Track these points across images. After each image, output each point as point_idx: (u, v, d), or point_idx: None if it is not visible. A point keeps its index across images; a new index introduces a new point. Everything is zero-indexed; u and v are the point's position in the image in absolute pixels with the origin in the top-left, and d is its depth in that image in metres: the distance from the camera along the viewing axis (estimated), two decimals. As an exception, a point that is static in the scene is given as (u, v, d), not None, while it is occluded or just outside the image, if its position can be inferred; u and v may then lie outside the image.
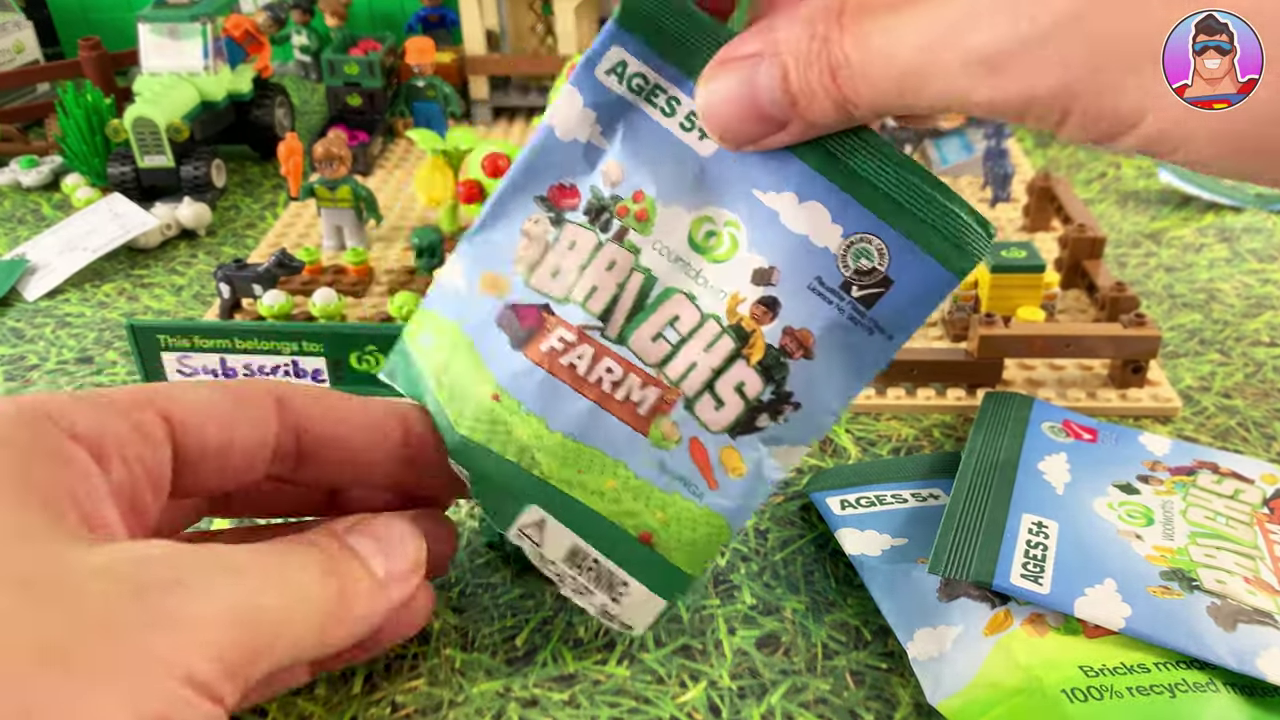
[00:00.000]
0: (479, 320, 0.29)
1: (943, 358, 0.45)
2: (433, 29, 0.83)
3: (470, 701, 0.32)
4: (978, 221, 0.25)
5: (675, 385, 0.28)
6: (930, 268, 0.26)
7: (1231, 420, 0.45)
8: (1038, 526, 0.34)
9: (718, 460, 0.28)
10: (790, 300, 0.27)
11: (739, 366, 0.28)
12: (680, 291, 0.28)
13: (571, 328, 0.28)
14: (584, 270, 0.28)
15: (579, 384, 0.28)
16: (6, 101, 0.78)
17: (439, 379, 0.29)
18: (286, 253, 0.52)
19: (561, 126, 0.28)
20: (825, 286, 0.27)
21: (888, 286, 0.26)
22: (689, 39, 0.26)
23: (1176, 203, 0.64)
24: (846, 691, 0.32)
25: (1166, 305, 0.53)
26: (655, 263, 0.28)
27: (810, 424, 0.28)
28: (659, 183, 0.28)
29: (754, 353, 0.27)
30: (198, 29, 0.67)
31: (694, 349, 0.28)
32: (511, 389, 0.28)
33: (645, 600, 0.29)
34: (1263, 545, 0.34)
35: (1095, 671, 0.28)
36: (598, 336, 0.28)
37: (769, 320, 0.27)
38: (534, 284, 0.29)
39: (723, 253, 0.27)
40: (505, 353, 0.28)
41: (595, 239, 0.28)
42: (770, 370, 0.28)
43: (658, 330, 0.28)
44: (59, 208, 0.67)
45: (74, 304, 0.56)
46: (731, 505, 0.29)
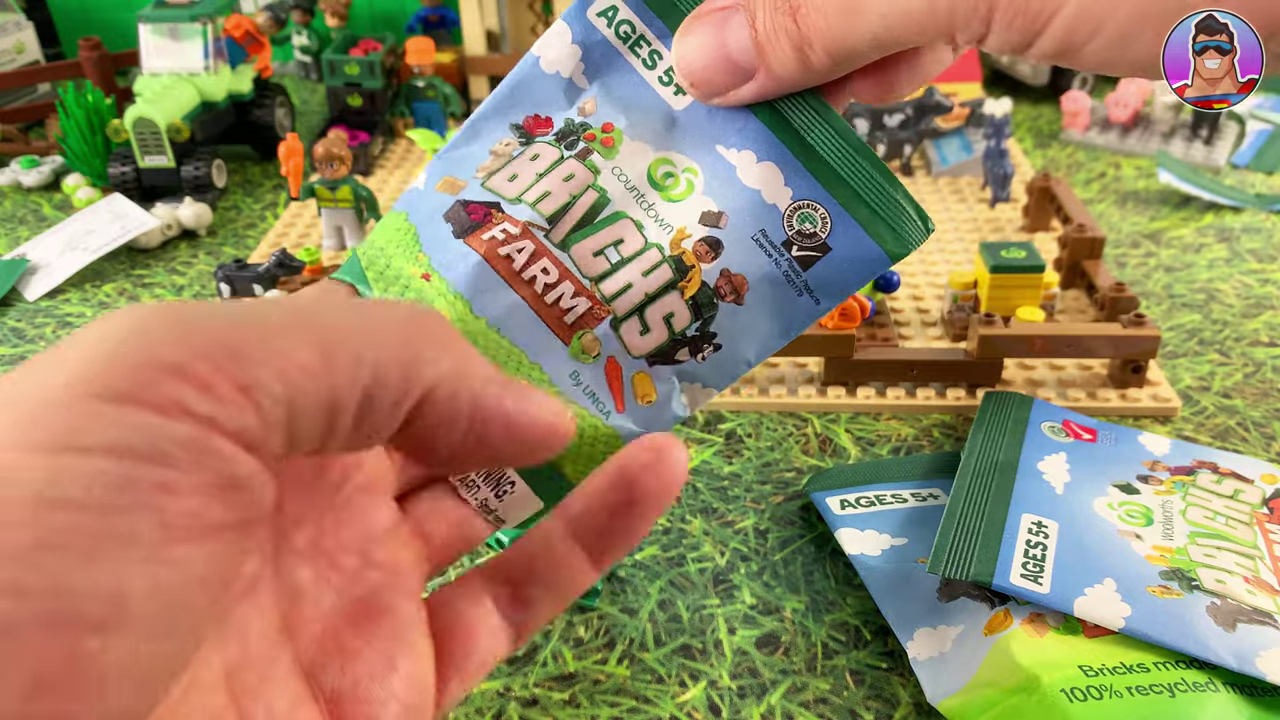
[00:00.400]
0: (427, 211, 0.30)
1: (942, 358, 0.45)
2: (433, 29, 0.83)
3: (470, 701, 0.32)
4: (918, 214, 0.27)
5: (607, 303, 0.29)
6: (865, 244, 0.28)
7: (1231, 420, 0.45)
8: (1037, 526, 0.34)
9: (629, 383, 0.29)
10: (733, 246, 0.28)
11: (672, 297, 0.29)
12: (629, 217, 0.29)
13: (517, 223, 0.29)
14: (541, 177, 0.29)
15: (513, 278, 0.28)
16: (7, 102, 0.78)
17: (372, 259, 0.30)
18: (287, 253, 0.52)
19: (546, 57, 0.29)
20: (768, 240, 0.28)
21: (825, 252, 0.28)
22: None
23: (1176, 203, 0.64)
24: (846, 691, 0.32)
25: (1166, 305, 0.53)
26: (611, 186, 0.29)
27: (725, 369, 0.29)
28: (630, 120, 0.29)
29: (689, 287, 0.28)
30: (198, 29, 0.67)
31: (632, 271, 0.29)
32: (443, 270, 0.29)
33: (526, 500, 0.29)
34: (1262, 545, 0.34)
35: (1095, 671, 0.28)
36: (541, 236, 0.29)
37: (710, 260, 0.28)
38: (489, 185, 0.29)
39: (678, 193, 0.29)
40: (445, 239, 0.29)
41: (558, 154, 0.29)
42: (701, 307, 0.29)
43: (601, 247, 0.29)
44: (60, 208, 0.67)
45: (74, 304, 0.56)
46: (633, 429, 0.29)
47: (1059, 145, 0.73)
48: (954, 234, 0.61)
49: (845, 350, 0.45)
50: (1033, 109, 0.79)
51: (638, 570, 0.37)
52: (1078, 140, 0.73)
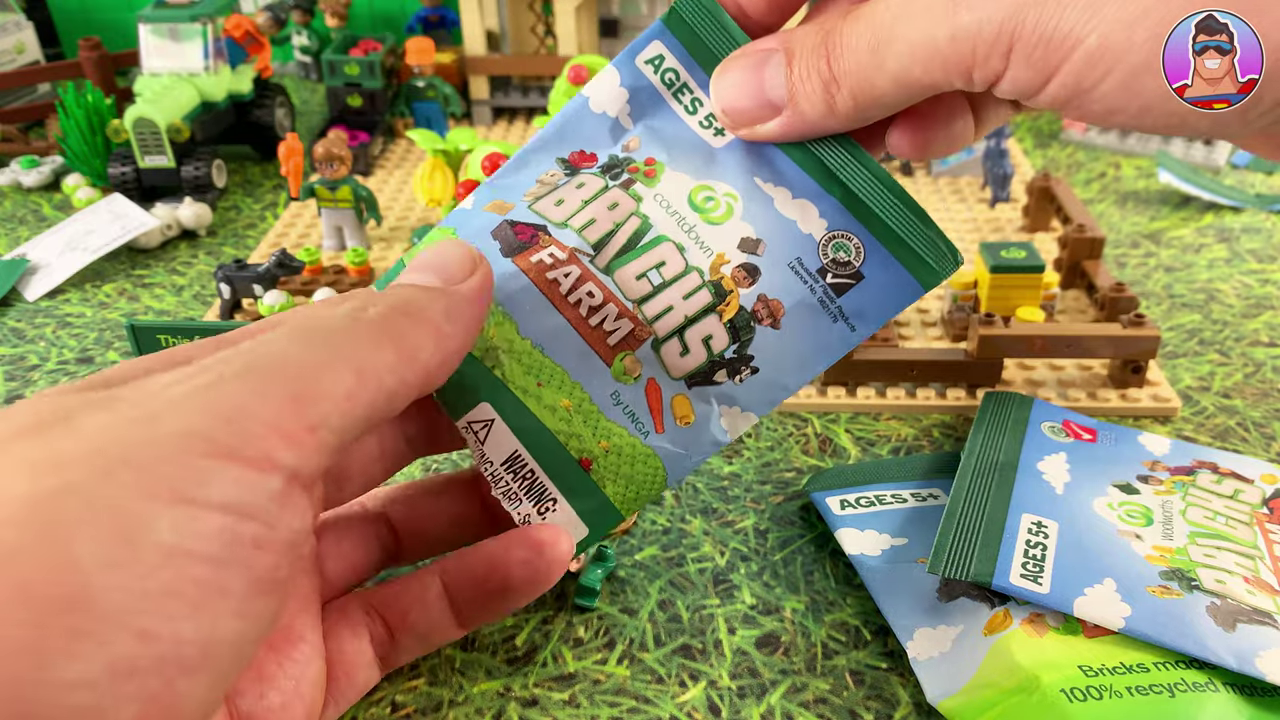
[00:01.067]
0: (475, 229, 0.30)
1: (942, 358, 0.45)
2: (433, 29, 0.83)
3: (470, 701, 0.32)
4: (948, 247, 0.28)
5: (649, 324, 0.29)
6: (898, 274, 0.29)
7: (1231, 420, 0.45)
8: (1037, 526, 0.34)
9: (669, 405, 0.30)
10: (770, 271, 0.29)
11: (711, 320, 0.29)
12: (671, 240, 0.30)
13: (564, 247, 0.30)
14: (586, 205, 0.30)
15: (559, 300, 0.29)
16: (7, 102, 0.78)
17: None
18: (287, 253, 0.52)
19: (596, 99, 0.30)
20: (804, 267, 0.29)
21: (858, 280, 0.29)
22: (720, 50, 0.29)
23: (1176, 203, 0.64)
24: (846, 691, 0.32)
25: (1166, 305, 0.53)
26: (654, 211, 0.30)
27: (764, 393, 0.30)
28: (671, 156, 0.30)
29: (727, 310, 0.29)
30: (198, 29, 0.67)
31: (673, 294, 0.29)
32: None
33: (569, 523, 0.30)
34: (1262, 545, 0.34)
35: (1095, 671, 0.28)
36: (587, 261, 0.29)
37: (748, 285, 0.29)
38: (536, 208, 0.30)
39: (718, 216, 0.30)
40: (494, 257, 0.30)
41: (603, 183, 0.30)
42: (739, 330, 0.29)
43: (643, 270, 0.30)
44: (60, 208, 0.67)
45: (74, 304, 0.56)
46: (672, 451, 0.30)
47: (1059, 145, 0.73)
48: (954, 234, 0.61)
49: (845, 350, 0.45)
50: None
51: (638, 570, 0.37)
52: (1078, 140, 0.73)
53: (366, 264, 0.56)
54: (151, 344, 0.46)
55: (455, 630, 0.30)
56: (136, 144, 0.63)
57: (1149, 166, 0.69)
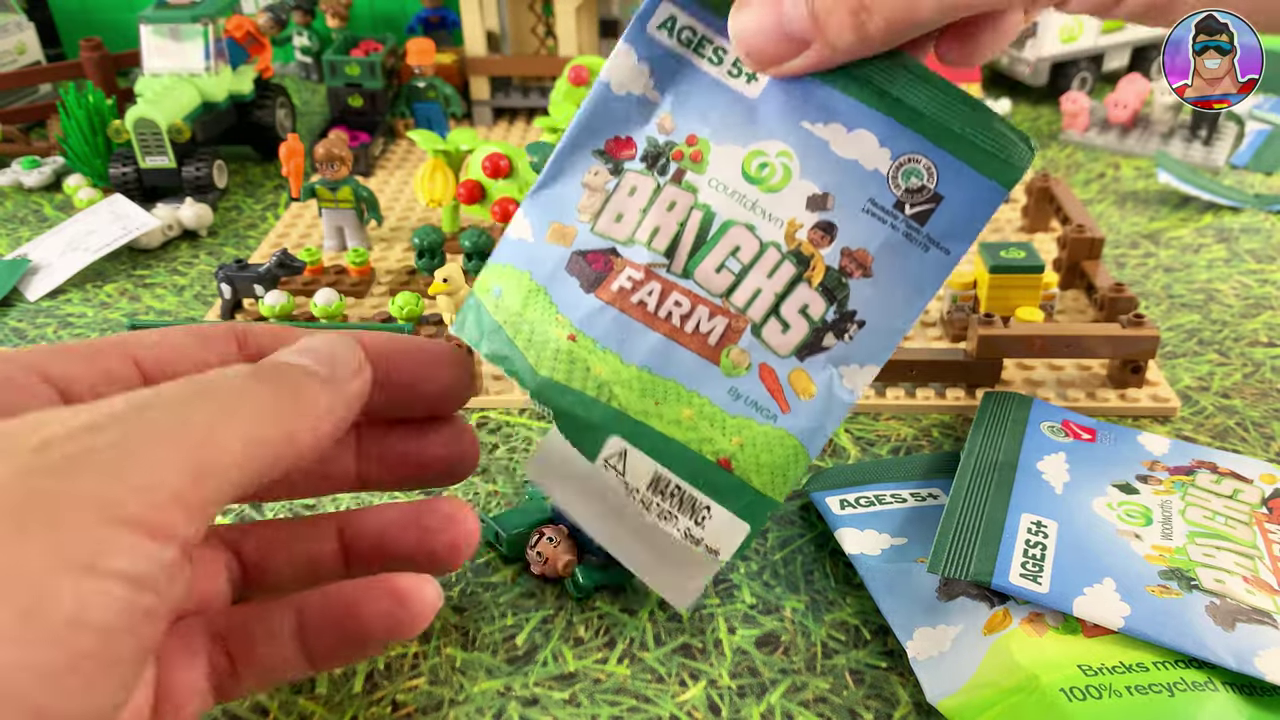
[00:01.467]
0: (549, 268, 0.30)
1: (942, 358, 0.46)
2: (433, 30, 0.83)
3: (471, 700, 0.32)
4: (1019, 136, 0.27)
5: (742, 312, 0.29)
6: (977, 182, 0.27)
7: (1230, 420, 0.45)
8: (1037, 526, 0.34)
9: (787, 383, 0.29)
10: (846, 223, 0.28)
11: (801, 289, 0.29)
12: (739, 223, 0.29)
13: (639, 267, 0.29)
14: (645, 213, 0.30)
15: (650, 319, 0.29)
16: (8, 102, 0.78)
17: (516, 326, 0.31)
18: (288, 253, 0.52)
19: (616, 81, 0.30)
20: (879, 207, 0.28)
21: (938, 202, 0.28)
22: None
23: (1175, 203, 0.64)
24: (846, 690, 0.32)
25: (1165, 306, 0.53)
26: (713, 198, 0.29)
27: (877, 342, 0.29)
28: (711, 125, 0.29)
29: (815, 275, 0.29)
30: (199, 30, 0.67)
31: (757, 276, 0.29)
32: (586, 328, 0.30)
33: (728, 524, 0.30)
34: (1261, 545, 0.34)
35: (1094, 671, 0.29)
36: (664, 273, 0.29)
37: (827, 244, 0.29)
38: (599, 230, 0.30)
39: (777, 181, 0.29)
40: (577, 296, 0.30)
41: (654, 183, 0.30)
42: (832, 291, 0.29)
43: (720, 261, 0.29)
44: (61, 208, 0.67)
45: (76, 304, 0.56)
46: (805, 426, 0.30)
47: (1058, 146, 0.73)
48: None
49: (845, 350, 0.45)
50: (1032, 109, 0.79)
51: (638, 570, 0.37)
52: (1077, 141, 0.73)
53: (367, 264, 0.56)
54: (152, 344, 0.46)
55: (304, 669, 0.28)
56: (137, 144, 0.63)
57: (1148, 167, 0.69)
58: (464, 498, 0.41)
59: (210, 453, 0.21)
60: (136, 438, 0.20)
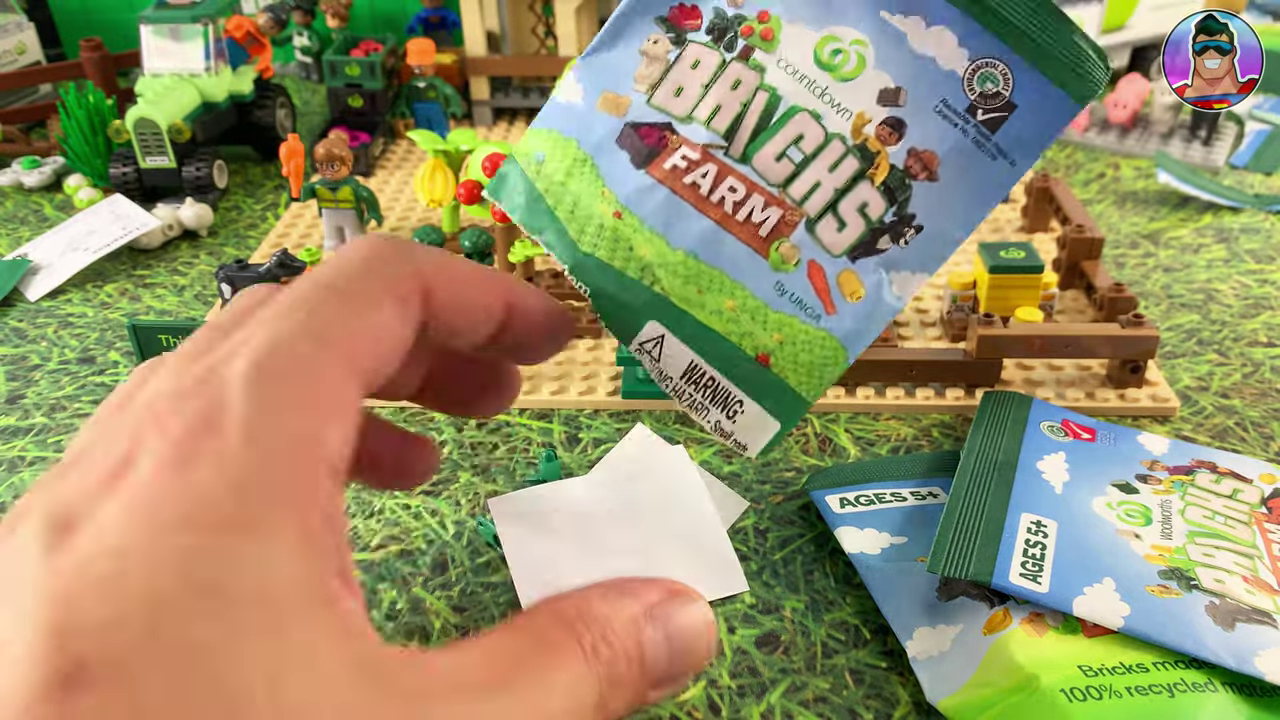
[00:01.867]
0: (599, 138, 0.29)
1: (941, 358, 0.46)
2: (434, 30, 0.83)
3: (471, 700, 0.32)
4: (1096, 52, 0.26)
5: (798, 205, 0.28)
6: (1052, 94, 0.27)
7: (1229, 420, 0.45)
8: (1036, 526, 0.34)
9: (835, 283, 0.29)
10: (916, 122, 0.27)
11: (863, 187, 0.28)
12: (805, 110, 0.28)
13: (695, 146, 0.28)
14: (707, 89, 0.28)
15: (702, 203, 0.28)
16: (9, 102, 0.78)
17: (558, 196, 0.29)
18: (288, 253, 0.52)
19: None
20: (951, 109, 0.27)
21: (1011, 110, 0.27)
22: None
23: (1175, 203, 0.64)
24: (846, 690, 0.32)
25: (1164, 306, 0.53)
26: (780, 80, 0.28)
27: (931, 250, 0.28)
28: (785, 2, 0.28)
29: (878, 173, 0.28)
30: (199, 30, 0.67)
31: (818, 169, 0.28)
32: (633, 206, 0.28)
33: (759, 420, 0.29)
34: (1261, 545, 0.34)
35: (1094, 671, 0.29)
36: (721, 155, 0.28)
37: (894, 141, 0.28)
38: (656, 103, 0.29)
39: (850, 70, 0.28)
40: (627, 170, 0.28)
41: (719, 57, 0.28)
42: (894, 191, 0.28)
43: (781, 149, 0.28)
44: (61, 208, 0.67)
45: (76, 304, 0.56)
46: (849, 328, 0.29)
47: (1058, 145, 0.73)
48: (954, 234, 0.61)
49: (845, 350, 0.45)
50: (1032, 110, 0.79)
51: (638, 570, 0.37)
52: (1076, 141, 0.73)
53: (367, 264, 0.56)
54: (153, 344, 0.46)
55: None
56: (138, 144, 0.63)
57: (1148, 167, 0.69)
58: (464, 498, 0.41)
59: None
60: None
